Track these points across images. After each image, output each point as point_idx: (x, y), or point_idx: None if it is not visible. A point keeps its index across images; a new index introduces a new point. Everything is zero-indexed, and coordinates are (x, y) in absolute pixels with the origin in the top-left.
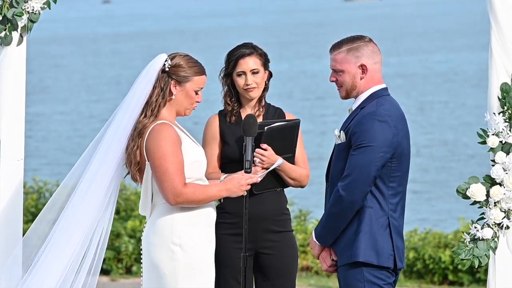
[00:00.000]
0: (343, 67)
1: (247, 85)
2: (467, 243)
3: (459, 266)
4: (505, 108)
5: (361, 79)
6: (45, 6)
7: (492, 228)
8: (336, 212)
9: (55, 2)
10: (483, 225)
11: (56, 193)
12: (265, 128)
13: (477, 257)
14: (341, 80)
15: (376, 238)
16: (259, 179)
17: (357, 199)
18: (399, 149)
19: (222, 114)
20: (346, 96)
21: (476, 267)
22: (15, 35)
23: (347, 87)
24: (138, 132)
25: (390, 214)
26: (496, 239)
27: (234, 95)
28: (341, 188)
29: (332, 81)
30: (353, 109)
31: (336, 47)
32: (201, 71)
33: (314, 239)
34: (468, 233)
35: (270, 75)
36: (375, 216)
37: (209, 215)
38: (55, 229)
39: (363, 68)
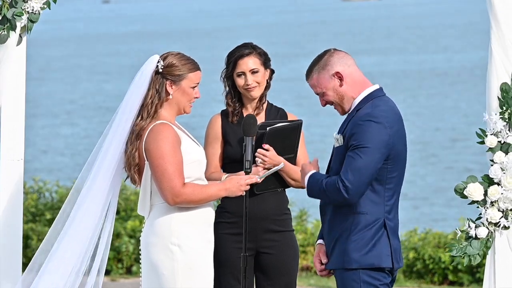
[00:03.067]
0: (322, 86)
1: (247, 85)
2: (460, 239)
3: (459, 267)
4: (505, 108)
5: (341, 86)
6: (45, 6)
7: (488, 228)
8: (328, 196)
9: (55, 2)
10: (478, 224)
11: (70, 195)
12: (267, 128)
13: (469, 255)
14: (328, 99)
15: (370, 243)
16: (260, 180)
17: (353, 201)
18: (394, 150)
19: (224, 114)
20: (343, 111)
21: (465, 265)
22: (13, 35)
23: (337, 101)
24: (136, 135)
25: (386, 216)
26: (490, 239)
27: (236, 96)
28: (348, 183)
29: (324, 105)
30: (349, 112)
31: (307, 73)
32: (195, 67)
33: (306, 178)
34: (462, 230)
35: (272, 72)
36: (369, 221)
37: (208, 215)
38: (60, 232)
39: (339, 75)
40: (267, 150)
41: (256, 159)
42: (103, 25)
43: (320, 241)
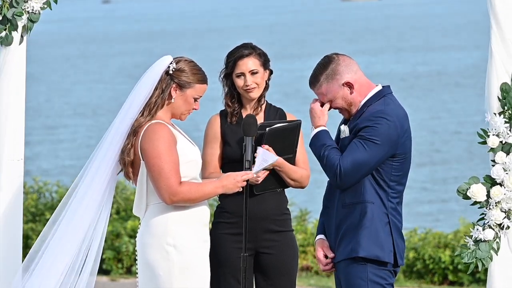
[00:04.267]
0: (330, 96)
1: (247, 86)
2: (470, 246)
3: (459, 267)
4: (505, 108)
5: (351, 93)
6: (45, 6)
7: (493, 229)
8: (323, 163)
9: (55, 2)
10: (484, 226)
11: (65, 196)
12: (267, 129)
13: (480, 259)
14: (337, 106)
15: (378, 234)
16: (255, 176)
17: (342, 187)
18: (402, 149)
19: (223, 114)
20: (350, 115)
21: (480, 269)
22: (16, 35)
23: (345, 107)
24: (133, 131)
25: (390, 212)
26: (498, 240)
27: (235, 96)
28: (344, 171)
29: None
30: (358, 108)
31: (314, 81)
32: (203, 79)
33: (313, 133)
34: (470, 236)
35: (271, 72)
36: (376, 212)
37: (203, 214)
38: (55, 230)
39: (349, 84)
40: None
41: (256, 159)
42: (103, 25)
43: (321, 236)
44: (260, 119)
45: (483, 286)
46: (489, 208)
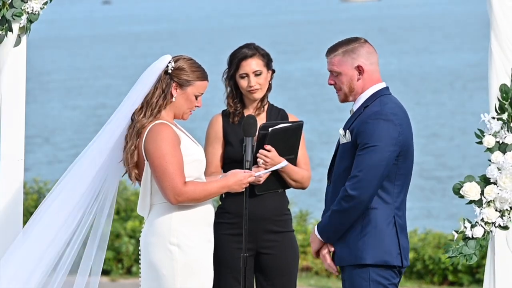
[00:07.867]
0: (340, 69)
1: (250, 86)
2: (458, 240)
3: (459, 267)
4: (504, 108)
5: (358, 80)
6: (45, 6)
7: (484, 227)
8: (342, 210)
9: (50, 1)
10: (475, 223)
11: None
12: (270, 129)
13: (465, 255)
14: (338, 82)
15: (382, 239)
16: (262, 180)
17: (364, 199)
18: (404, 147)
19: (225, 114)
20: (345, 99)
21: (461, 264)
22: (10, 35)
23: (345, 90)
24: (136, 132)
25: (396, 213)
26: (487, 238)
27: (237, 96)
28: (349, 188)
29: (331, 84)
30: (355, 109)
31: (332, 50)
32: (203, 76)
33: (316, 233)
34: (458, 232)
35: (273, 73)
36: (380, 217)
37: (208, 214)
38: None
39: (360, 69)
40: (269, 151)
41: (258, 160)
42: (103, 26)
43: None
44: (262, 119)
45: (482, 286)
46: (483, 207)
